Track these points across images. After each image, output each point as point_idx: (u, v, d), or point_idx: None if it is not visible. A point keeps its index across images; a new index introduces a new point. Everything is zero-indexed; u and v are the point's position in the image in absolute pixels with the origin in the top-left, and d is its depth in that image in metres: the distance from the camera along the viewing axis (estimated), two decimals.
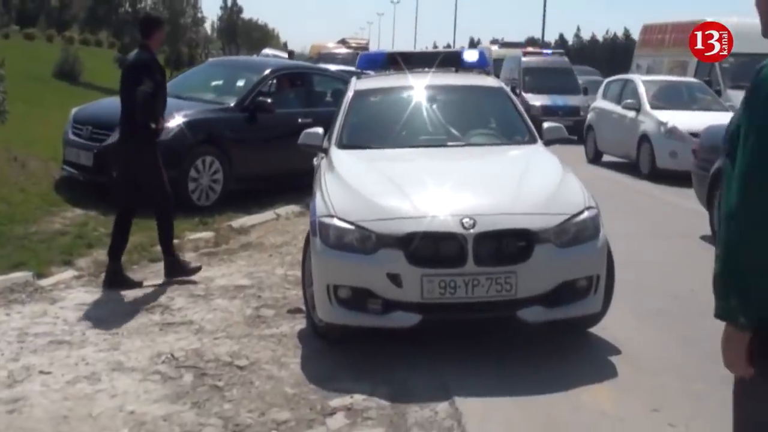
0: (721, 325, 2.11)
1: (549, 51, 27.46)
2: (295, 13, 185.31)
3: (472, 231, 4.50)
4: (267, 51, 32.95)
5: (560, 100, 20.23)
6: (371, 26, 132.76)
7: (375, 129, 6.32)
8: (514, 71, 21.95)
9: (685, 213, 9.74)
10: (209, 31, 65.56)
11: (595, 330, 5.19)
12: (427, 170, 5.44)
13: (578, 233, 4.72)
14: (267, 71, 10.55)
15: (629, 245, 7.04)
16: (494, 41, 33.89)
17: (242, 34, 79.93)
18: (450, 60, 7.28)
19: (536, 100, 19.95)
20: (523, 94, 19.94)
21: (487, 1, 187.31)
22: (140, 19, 6.84)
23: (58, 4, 58.86)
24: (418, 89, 6.63)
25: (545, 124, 6.30)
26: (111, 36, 43.70)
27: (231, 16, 76.27)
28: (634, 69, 20.82)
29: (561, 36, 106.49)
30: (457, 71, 7.27)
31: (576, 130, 16.49)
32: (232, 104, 9.70)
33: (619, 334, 5.21)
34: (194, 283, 6.32)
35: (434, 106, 6.44)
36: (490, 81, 7.06)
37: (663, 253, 7.79)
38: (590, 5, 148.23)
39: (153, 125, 6.16)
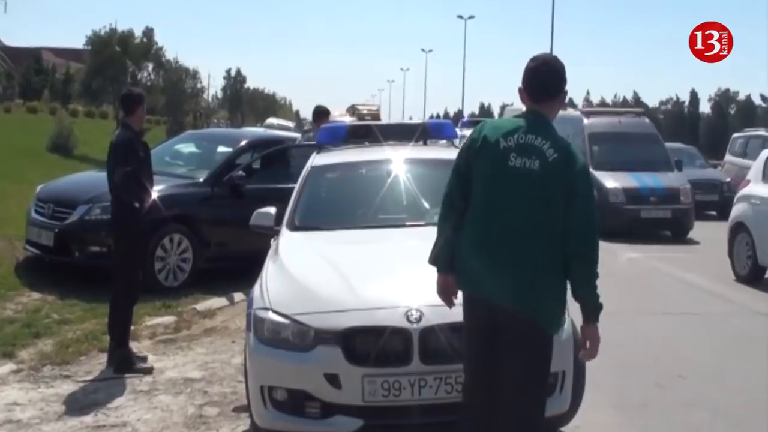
0: None
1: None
2: (308, 82, 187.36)
3: (417, 325, 4.06)
4: (271, 120, 32.67)
5: (649, 179, 14.43)
6: (382, 93, 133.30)
7: (330, 208, 5.93)
8: (572, 139, 17.19)
9: None
10: (210, 101, 66.09)
11: (568, 429, 4.70)
12: (379, 255, 5.02)
13: None
14: (243, 143, 10.25)
15: None
16: (505, 105, 31.82)
17: (247, 103, 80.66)
18: (414, 132, 6.92)
19: (613, 181, 14.20)
20: (591, 171, 14.27)
21: (497, 66, 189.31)
22: (121, 96, 6.59)
23: (62, 77, 59.56)
24: (380, 164, 6.25)
25: None
26: (115, 108, 44.05)
27: (235, 85, 77.07)
28: None
29: (570, 100, 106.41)
30: (425, 144, 6.91)
31: (678, 224, 14.28)
32: (202, 179, 9.36)
33: None
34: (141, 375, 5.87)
35: (396, 183, 6.02)
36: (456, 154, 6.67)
37: None
38: (598, 68, 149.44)
39: (137, 204, 5.97)
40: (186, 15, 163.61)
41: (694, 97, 77.06)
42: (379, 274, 4.61)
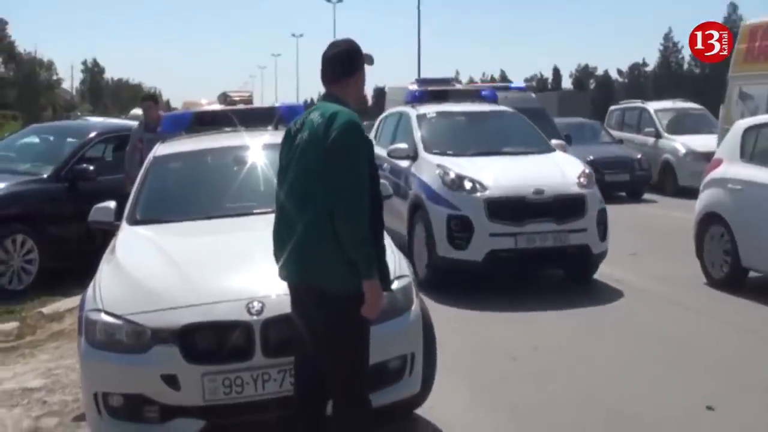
0: None
1: (515, 84, 18.10)
2: (179, 71, 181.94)
3: (259, 317, 3.89)
4: (136, 111, 31.23)
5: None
6: (254, 80, 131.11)
7: (173, 200, 5.65)
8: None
9: None
10: (74, 93, 63.17)
11: (422, 411, 4.65)
12: (221, 246, 4.79)
13: (388, 306, 4.14)
14: (92, 134, 9.74)
15: None
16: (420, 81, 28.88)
17: (110, 94, 77.61)
18: (266, 117, 6.72)
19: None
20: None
21: (368, 49, 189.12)
22: None
23: None
24: (226, 151, 6.01)
25: None
26: None
27: (93, 76, 73.92)
28: (734, 104, 12.50)
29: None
30: (277, 129, 6.71)
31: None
32: (46, 175, 8.82)
33: (449, 414, 4.71)
34: None
35: (243, 170, 5.80)
36: None
37: None
38: (467, 47, 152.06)
39: None
40: (46, 6, 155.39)
41: (556, 73, 79.93)
42: (220, 266, 4.39)
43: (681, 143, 16.95)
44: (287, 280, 3.57)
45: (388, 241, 4.72)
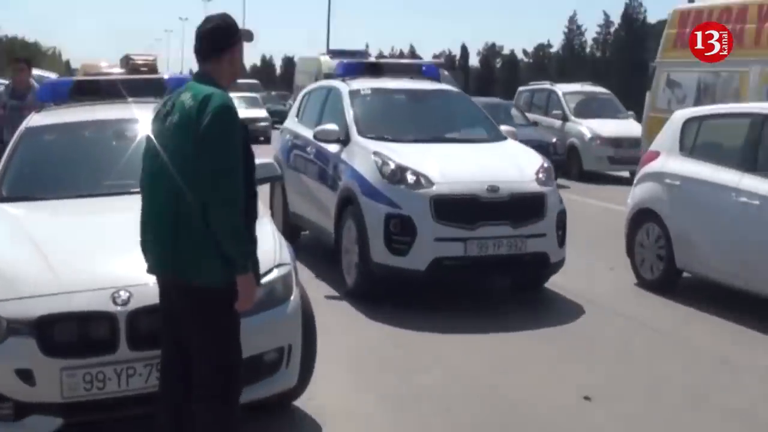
0: None
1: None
2: (79, 30, 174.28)
3: (124, 308, 3.65)
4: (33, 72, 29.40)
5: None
6: (160, 43, 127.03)
7: (46, 175, 5.27)
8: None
9: None
10: None
11: (300, 403, 4.51)
12: (92, 228, 4.50)
13: (266, 297, 3.97)
14: None
15: None
16: (333, 52, 25.95)
17: (2, 52, 73.80)
18: (153, 88, 6.36)
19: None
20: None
21: (280, 16, 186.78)
22: None
23: None
24: (107, 124, 5.64)
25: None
26: None
27: None
28: (660, 91, 12.26)
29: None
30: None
31: None
32: None
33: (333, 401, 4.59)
34: None
35: (125, 145, 5.40)
36: None
37: None
38: (376, 21, 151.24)
39: None
40: None
41: (464, 50, 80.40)
42: (87, 250, 4.10)
43: (587, 127, 16.98)
44: (154, 273, 3.37)
45: (269, 225, 4.56)
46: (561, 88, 18.64)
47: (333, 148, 7.63)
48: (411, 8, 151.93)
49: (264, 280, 3.96)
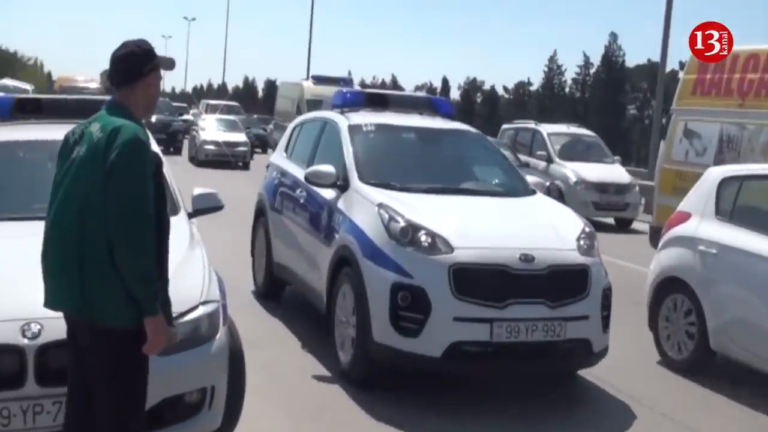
0: None
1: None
2: (62, 42, 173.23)
3: (34, 341, 3.48)
4: (5, 82, 29.13)
5: None
6: None
7: None
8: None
9: None
10: None
11: None
12: (10, 254, 4.13)
13: (189, 335, 3.81)
14: None
15: None
16: (316, 78, 24.55)
17: None
18: (98, 109, 6.16)
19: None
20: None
21: (263, 39, 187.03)
22: None
23: None
24: (42, 146, 5.15)
25: (195, 190, 5.40)
26: None
27: None
28: (677, 141, 11.49)
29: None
30: None
31: None
32: None
33: None
34: None
35: (32, 169, 5.23)
36: None
37: None
38: (358, 50, 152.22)
39: None
40: None
41: (445, 83, 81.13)
42: (1, 278, 3.93)
43: (572, 170, 16.23)
44: (56, 310, 3.17)
45: (201, 258, 4.38)
46: (546, 129, 17.86)
47: (328, 193, 6.44)
48: (392, 38, 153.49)
49: (188, 317, 3.82)
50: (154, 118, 27.31)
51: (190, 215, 5.10)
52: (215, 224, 6.56)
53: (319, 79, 23.83)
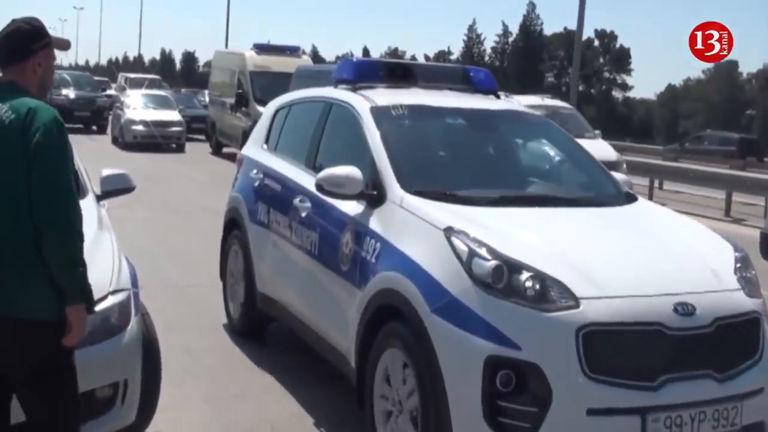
0: None
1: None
2: None
3: None
4: None
5: None
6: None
7: None
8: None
9: None
10: None
11: None
12: None
13: (100, 326, 3.60)
14: None
15: None
16: (259, 46, 21.51)
17: None
18: None
19: None
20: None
21: (180, 11, 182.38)
22: None
23: None
24: None
25: (103, 171, 5.09)
26: None
27: None
28: None
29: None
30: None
31: None
32: None
33: None
34: None
35: None
36: None
37: None
38: (278, 23, 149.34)
39: None
40: None
41: (366, 54, 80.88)
42: None
43: None
44: None
45: (110, 243, 4.14)
46: (517, 101, 14.80)
47: (350, 207, 4.46)
48: (312, 9, 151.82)
49: (97, 308, 3.62)
50: (73, 95, 25.76)
51: (99, 197, 4.84)
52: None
53: (263, 48, 21.59)
